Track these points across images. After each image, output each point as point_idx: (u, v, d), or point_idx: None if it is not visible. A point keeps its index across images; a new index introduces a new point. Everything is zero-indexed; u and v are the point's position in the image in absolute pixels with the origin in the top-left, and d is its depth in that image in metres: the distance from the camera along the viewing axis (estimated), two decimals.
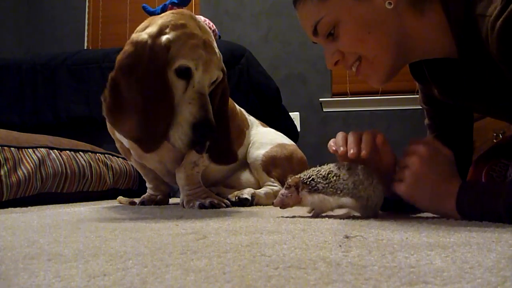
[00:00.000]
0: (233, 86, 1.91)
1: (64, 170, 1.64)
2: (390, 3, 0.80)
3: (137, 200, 1.47)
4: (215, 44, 1.13)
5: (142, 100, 1.03)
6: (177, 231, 0.72)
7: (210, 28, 2.40)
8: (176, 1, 2.22)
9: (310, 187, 0.84)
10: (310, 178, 0.85)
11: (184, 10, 1.17)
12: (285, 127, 2.30)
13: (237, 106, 1.61)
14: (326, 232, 0.66)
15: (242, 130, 1.59)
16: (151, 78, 1.03)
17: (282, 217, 0.90)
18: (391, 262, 0.45)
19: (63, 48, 3.50)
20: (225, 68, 1.19)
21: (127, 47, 1.07)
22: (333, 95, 3.55)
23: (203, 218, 0.91)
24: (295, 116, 3.30)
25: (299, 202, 0.86)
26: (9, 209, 1.31)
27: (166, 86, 1.04)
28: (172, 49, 1.05)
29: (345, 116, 3.49)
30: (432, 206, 0.81)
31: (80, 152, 1.78)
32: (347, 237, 0.61)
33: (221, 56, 1.16)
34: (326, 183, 0.83)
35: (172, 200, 1.60)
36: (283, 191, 0.88)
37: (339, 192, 0.82)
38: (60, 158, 1.64)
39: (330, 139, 0.88)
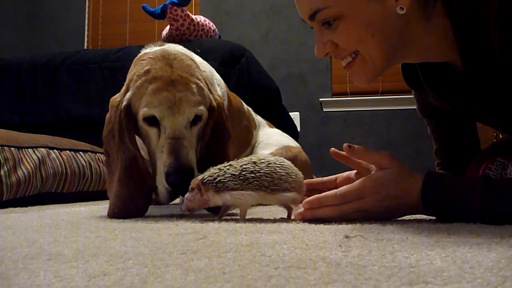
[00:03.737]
0: (233, 86, 1.91)
1: (64, 170, 1.64)
2: (402, 8, 0.76)
3: None
4: (194, 79, 0.99)
5: (120, 170, 0.97)
6: (177, 231, 0.72)
7: (210, 28, 2.39)
8: (176, 1, 2.22)
9: (217, 187, 0.82)
10: (217, 180, 0.81)
11: (157, 50, 1.04)
12: (285, 127, 2.29)
13: (245, 105, 1.61)
14: (326, 232, 0.66)
15: (250, 130, 1.59)
16: (121, 143, 0.97)
17: (282, 217, 0.90)
18: (391, 262, 0.45)
19: (63, 48, 3.50)
20: (215, 103, 1.05)
21: (108, 113, 1.02)
22: (333, 95, 3.55)
23: (203, 218, 0.91)
24: (295, 116, 3.29)
25: (206, 203, 0.84)
26: (9, 209, 1.32)
27: (132, 151, 0.97)
28: (134, 104, 0.98)
29: (345, 116, 3.48)
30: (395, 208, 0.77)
31: (80, 152, 1.78)
32: (347, 237, 0.61)
33: (204, 90, 1.02)
34: (240, 180, 0.81)
35: None
36: (187, 194, 0.85)
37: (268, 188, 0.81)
38: (60, 158, 1.64)
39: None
